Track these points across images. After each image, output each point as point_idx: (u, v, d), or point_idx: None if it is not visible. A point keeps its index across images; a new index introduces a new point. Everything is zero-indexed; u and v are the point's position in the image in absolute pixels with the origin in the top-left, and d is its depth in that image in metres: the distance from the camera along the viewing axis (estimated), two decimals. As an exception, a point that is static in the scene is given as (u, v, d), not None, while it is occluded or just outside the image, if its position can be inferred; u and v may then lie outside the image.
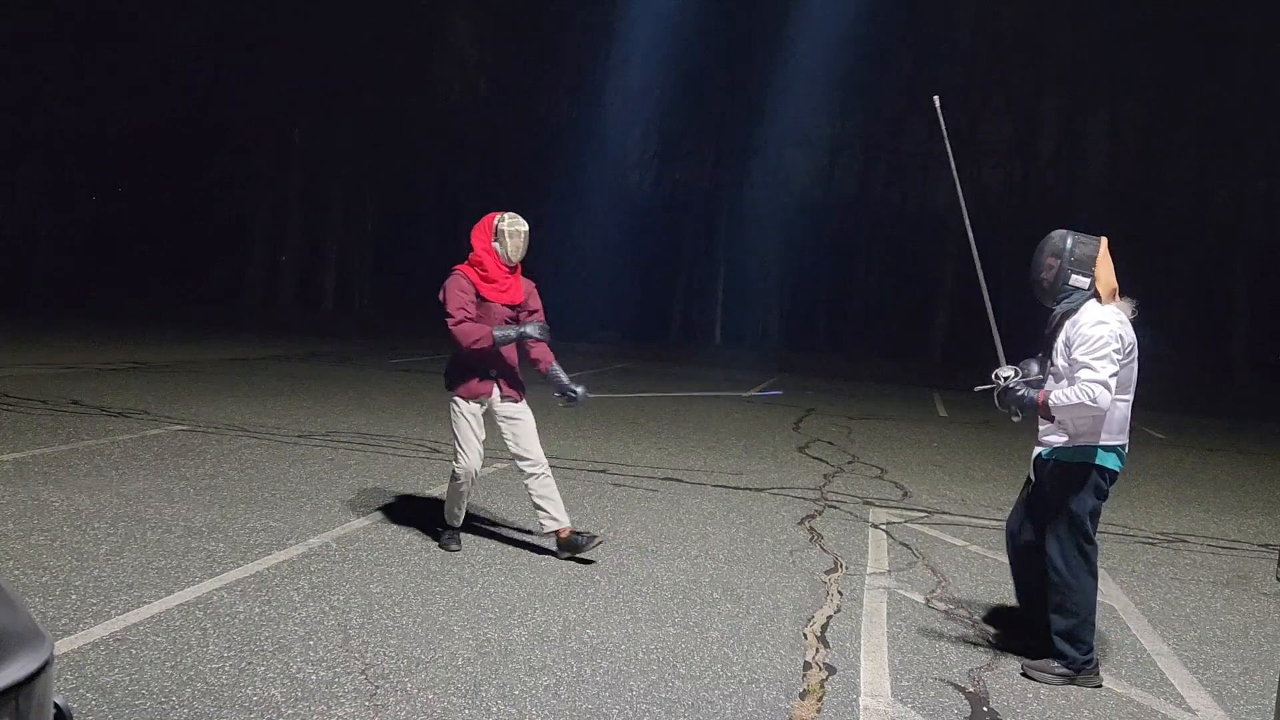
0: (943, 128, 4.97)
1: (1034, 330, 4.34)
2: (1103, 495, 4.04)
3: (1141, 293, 4.30)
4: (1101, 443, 3.96)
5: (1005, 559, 6.01)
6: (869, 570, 5.48)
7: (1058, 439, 4.02)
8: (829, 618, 4.59)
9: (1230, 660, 4.51)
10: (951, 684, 3.91)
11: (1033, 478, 4.23)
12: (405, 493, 6.51)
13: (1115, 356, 3.83)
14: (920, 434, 12.41)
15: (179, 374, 12.45)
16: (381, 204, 33.68)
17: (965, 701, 3.75)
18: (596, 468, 8.03)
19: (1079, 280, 3.99)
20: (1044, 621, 4.12)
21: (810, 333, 34.61)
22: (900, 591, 5.11)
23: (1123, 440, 4.03)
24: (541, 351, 5.26)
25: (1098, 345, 3.84)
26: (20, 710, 1.31)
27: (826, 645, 4.22)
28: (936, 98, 4.83)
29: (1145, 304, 4.18)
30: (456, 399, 5.18)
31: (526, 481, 5.23)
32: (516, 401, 5.25)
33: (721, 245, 33.65)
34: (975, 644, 4.41)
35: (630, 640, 4.09)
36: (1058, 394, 3.89)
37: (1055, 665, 4.01)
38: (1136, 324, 4.08)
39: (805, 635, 4.32)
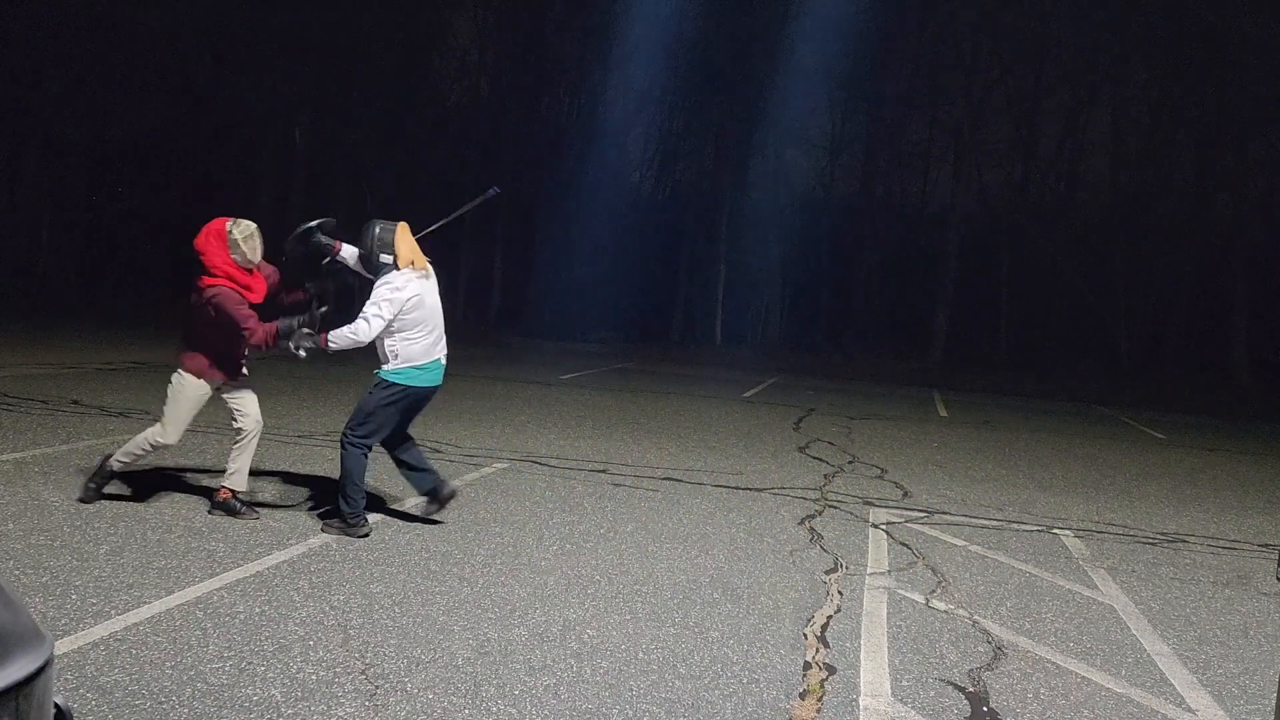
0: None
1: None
2: (409, 401, 5.55)
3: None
4: (412, 364, 5.43)
5: (1005, 559, 6.03)
6: (869, 570, 5.48)
7: (387, 364, 5.43)
8: (829, 618, 4.59)
9: (1230, 660, 4.51)
10: (951, 684, 3.91)
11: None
12: (405, 492, 6.50)
13: (385, 306, 5.27)
14: (920, 434, 12.41)
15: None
16: (382, 204, 33.65)
17: (965, 701, 3.75)
18: (596, 468, 8.03)
19: (385, 258, 5.40)
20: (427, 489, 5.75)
21: (810, 333, 34.60)
22: (900, 591, 5.11)
23: (426, 362, 5.48)
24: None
25: (374, 298, 5.33)
26: (20, 710, 1.31)
27: (826, 645, 4.22)
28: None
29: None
30: (187, 375, 5.43)
31: (236, 437, 5.60)
32: (240, 378, 5.66)
33: (722, 245, 33.62)
34: (975, 644, 4.41)
35: (630, 640, 4.09)
36: (334, 335, 5.34)
37: (335, 521, 5.36)
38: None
39: (805, 635, 4.32)
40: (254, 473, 6.75)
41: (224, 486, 5.58)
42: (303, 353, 5.50)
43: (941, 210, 33.82)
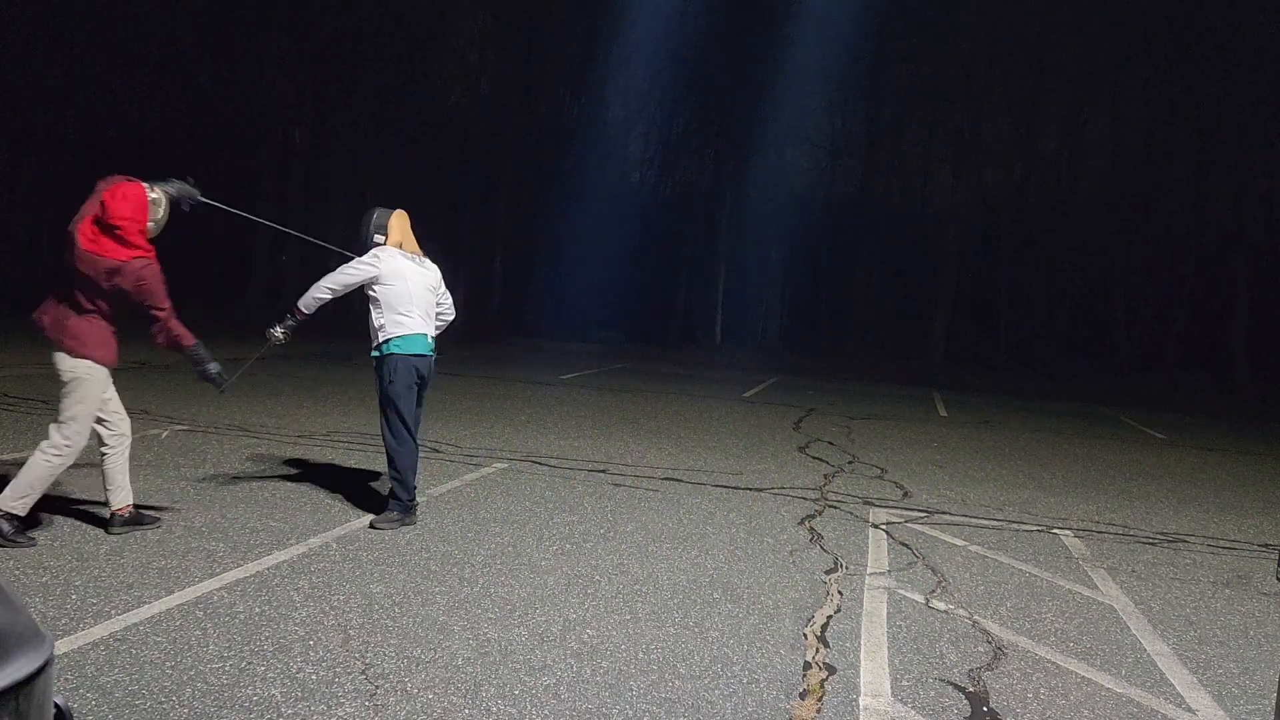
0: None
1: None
2: (406, 370, 5.69)
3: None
4: (397, 336, 5.71)
5: (1005, 559, 6.03)
6: (869, 570, 5.48)
7: (375, 341, 5.77)
8: (829, 618, 4.59)
9: (1230, 660, 4.51)
10: (951, 684, 3.91)
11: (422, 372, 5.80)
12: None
13: (354, 269, 5.82)
14: (920, 434, 12.41)
15: (179, 374, 12.44)
16: (382, 204, 33.60)
17: (965, 701, 3.75)
18: (596, 468, 8.03)
19: (378, 238, 6.01)
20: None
21: (811, 333, 34.61)
22: (900, 591, 5.11)
23: (410, 334, 5.71)
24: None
25: (352, 262, 5.91)
26: (20, 710, 1.31)
27: (826, 645, 4.22)
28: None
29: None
30: (99, 366, 4.98)
31: (112, 447, 5.21)
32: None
33: (722, 245, 33.63)
34: (975, 644, 4.41)
35: (630, 640, 4.09)
36: (302, 303, 5.90)
37: (391, 513, 5.61)
38: None
39: (805, 635, 4.32)
40: (254, 473, 6.76)
41: (124, 506, 5.12)
42: (281, 335, 5.89)
43: (941, 210, 33.83)
